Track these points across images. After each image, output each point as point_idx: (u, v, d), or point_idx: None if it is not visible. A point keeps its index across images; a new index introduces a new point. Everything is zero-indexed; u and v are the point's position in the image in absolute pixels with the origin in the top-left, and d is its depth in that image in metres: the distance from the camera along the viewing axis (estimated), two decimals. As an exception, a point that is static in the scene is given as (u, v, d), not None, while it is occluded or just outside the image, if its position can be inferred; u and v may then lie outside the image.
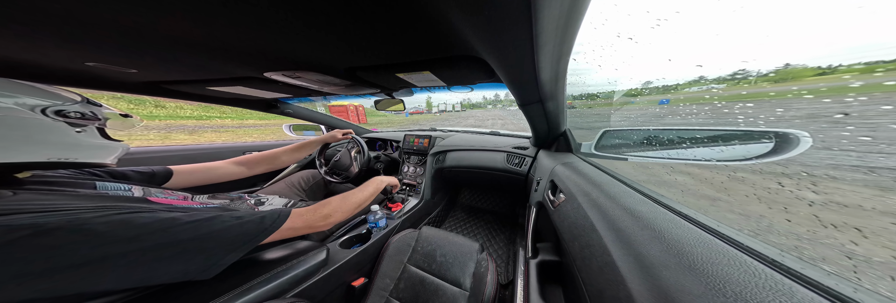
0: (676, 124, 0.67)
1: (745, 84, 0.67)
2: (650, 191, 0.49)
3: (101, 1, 0.29)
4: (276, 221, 0.49)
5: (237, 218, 0.45)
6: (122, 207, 0.40)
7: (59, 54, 0.49)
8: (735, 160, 0.52)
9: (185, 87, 0.79)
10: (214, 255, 0.42)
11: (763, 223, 0.42)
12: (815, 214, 0.38)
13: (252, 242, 0.45)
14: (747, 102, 0.54)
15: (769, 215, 0.43)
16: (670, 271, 0.28)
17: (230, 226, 0.43)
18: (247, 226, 0.45)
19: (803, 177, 0.42)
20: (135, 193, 0.51)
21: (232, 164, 0.82)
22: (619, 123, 1.48)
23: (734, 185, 0.55)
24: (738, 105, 0.54)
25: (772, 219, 0.42)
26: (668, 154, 0.61)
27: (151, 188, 0.56)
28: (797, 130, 0.47)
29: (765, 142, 0.49)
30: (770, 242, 0.30)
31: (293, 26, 0.37)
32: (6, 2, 0.30)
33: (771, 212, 0.43)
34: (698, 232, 0.33)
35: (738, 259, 0.27)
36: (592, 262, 0.39)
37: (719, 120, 0.58)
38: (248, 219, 0.46)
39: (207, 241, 0.41)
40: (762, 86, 0.71)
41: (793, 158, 0.45)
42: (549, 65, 0.45)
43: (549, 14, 0.29)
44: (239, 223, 0.45)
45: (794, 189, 0.41)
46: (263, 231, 0.47)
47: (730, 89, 0.68)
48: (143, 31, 0.38)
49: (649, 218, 0.38)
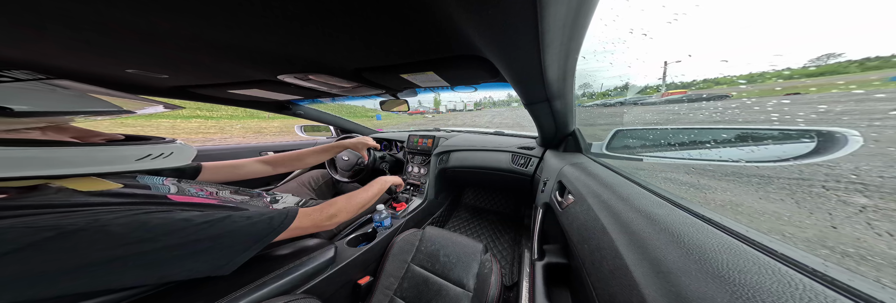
0: (698, 122, 0.63)
1: (777, 79, 0.62)
2: (668, 193, 0.46)
3: (150, 10, 0.31)
4: (284, 222, 0.51)
5: (247, 218, 0.47)
6: (140, 207, 0.41)
7: (105, 62, 0.54)
8: (769, 161, 0.47)
9: (208, 90, 0.84)
10: (228, 254, 0.44)
11: (808, 232, 0.38)
12: (869, 221, 0.34)
13: (263, 241, 0.47)
14: (782, 99, 0.50)
15: (810, 222, 0.39)
16: (690, 277, 0.26)
17: (241, 226, 0.45)
18: (257, 226, 0.47)
19: (852, 180, 0.38)
20: (171, 189, 0.55)
21: (257, 162, 0.85)
22: (633, 122, 1.42)
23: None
24: (771, 102, 0.50)
25: (814, 225, 0.39)
26: (689, 154, 0.57)
27: (183, 184, 0.60)
28: (844, 128, 0.42)
29: (805, 141, 0.45)
30: (813, 251, 0.27)
31: (305, 30, 0.38)
32: (81, 21, 0.34)
33: (812, 218, 0.39)
34: (724, 237, 0.31)
35: (771, 267, 0.25)
36: (603, 265, 0.38)
37: (748, 118, 0.53)
38: (257, 219, 0.48)
39: (221, 240, 0.43)
40: (799, 80, 0.65)
41: (838, 159, 0.41)
42: (556, 63, 0.44)
43: (556, 11, 0.28)
44: (249, 223, 0.46)
45: (841, 193, 0.38)
46: (273, 231, 0.49)
47: (761, 85, 0.63)
48: (178, 39, 0.41)
49: (667, 221, 0.36)
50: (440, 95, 1.09)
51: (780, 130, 0.49)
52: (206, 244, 0.41)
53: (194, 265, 0.41)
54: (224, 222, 0.44)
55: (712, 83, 0.74)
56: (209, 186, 0.65)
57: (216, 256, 0.43)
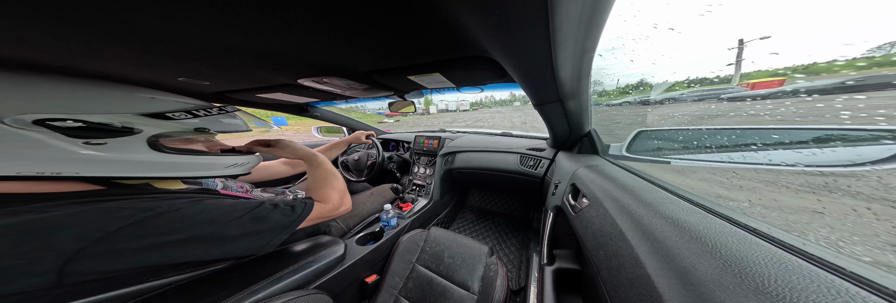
0: (739, 123, 0.54)
1: (849, 71, 0.53)
2: (702, 199, 0.42)
3: (199, 23, 0.35)
4: (305, 210, 0.59)
5: (274, 206, 0.54)
6: (200, 196, 0.50)
7: (163, 73, 0.61)
8: (837, 166, 0.40)
9: (241, 95, 0.92)
10: (267, 235, 0.51)
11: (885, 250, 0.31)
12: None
13: (292, 225, 0.55)
14: (856, 94, 0.43)
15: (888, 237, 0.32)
16: (726, 291, 0.24)
17: (272, 212, 0.53)
18: (285, 211, 0.55)
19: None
20: (219, 185, 0.65)
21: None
22: (658, 123, 1.26)
23: (830, 199, 0.41)
24: (839, 99, 0.40)
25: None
26: (729, 157, 0.48)
27: (228, 182, 0.71)
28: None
29: (886, 143, 0.39)
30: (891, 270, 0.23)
31: (321, 35, 0.40)
32: (150, 38, 0.39)
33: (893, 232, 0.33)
34: (773, 250, 0.28)
35: (836, 287, 0.22)
36: (621, 274, 0.35)
37: (807, 118, 0.45)
38: (282, 207, 0.55)
39: (261, 223, 0.50)
40: (876, 71, 0.53)
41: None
42: (569, 62, 0.43)
43: (569, 10, 0.27)
44: (279, 211, 0.54)
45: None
46: (298, 218, 0.56)
47: (827, 78, 0.52)
48: (216, 48, 0.44)
49: (698, 229, 0.33)
50: (431, 95, 1.09)
51: (854, 129, 0.42)
52: (251, 226, 0.49)
53: (245, 244, 0.49)
54: (259, 209, 0.52)
55: (811, 72, 0.58)
56: (246, 185, 0.76)
57: (259, 237, 0.50)
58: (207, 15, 0.32)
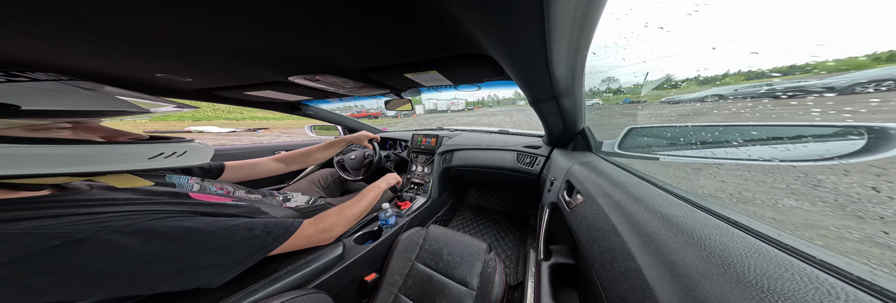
0: (722, 119, 0.59)
1: (821, 72, 0.56)
2: (688, 193, 0.44)
3: (182, 20, 0.33)
4: (278, 239, 0.53)
5: (248, 229, 0.49)
6: (157, 209, 0.45)
7: (139, 67, 0.57)
8: (808, 160, 0.43)
9: (227, 92, 0.89)
10: (220, 267, 0.45)
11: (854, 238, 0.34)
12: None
13: (253, 258, 0.49)
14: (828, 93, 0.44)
15: (857, 227, 0.36)
16: (711, 281, 0.25)
17: (238, 240, 0.47)
18: (251, 242, 0.49)
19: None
20: (194, 187, 0.59)
21: (272, 160, 0.89)
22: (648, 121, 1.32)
23: (807, 190, 0.46)
24: (810, 97, 0.44)
25: (863, 230, 0.35)
26: (712, 153, 0.52)
27: (206, 183, 0.64)
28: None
29: (852, 139, 0.41)
30: (858, 258, 0.25)
31: (314, 32, 0.39)
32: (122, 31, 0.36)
33: (861, 222, 0.36)
34: (752, 241, 0.29)
35: (807, 274, 0.24)
36: (614, 267, 0.36)
37: (782, 116, 0.49)
38: (255, 234, 0.50)
39: (216, 254, 0.44)
40: (847, 72, 0.58)
41: (892, 157, 0.37)
42: (564, 60, 0.43)
43: (565, 7, 0.27)
44: (248, 237, 0.48)
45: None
46: (263, 249, 0.51)
47: (800, 78, 0.56)
48: (199, 43, 0.43)
49: (685, 223, 0.34)
50: (421, 94, 1.07)
51: (823, 126, 0.45)
52: (196, 258, 0.42)
53: (187, 279, 0.42)
54: (223, 235, 0.45)
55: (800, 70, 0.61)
56: (228, 186, 0.68)
57: (206, 273, 0.44)
58: (189, 9, 0.30)
